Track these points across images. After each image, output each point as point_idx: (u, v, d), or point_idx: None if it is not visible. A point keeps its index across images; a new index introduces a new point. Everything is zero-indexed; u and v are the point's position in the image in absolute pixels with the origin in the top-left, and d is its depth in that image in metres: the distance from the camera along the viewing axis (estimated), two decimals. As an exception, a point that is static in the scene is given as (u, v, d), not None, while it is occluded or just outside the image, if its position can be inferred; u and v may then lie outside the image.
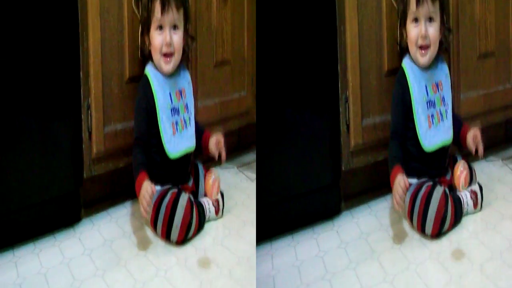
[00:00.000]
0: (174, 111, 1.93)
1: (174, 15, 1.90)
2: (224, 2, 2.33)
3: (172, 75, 1.94)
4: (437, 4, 1.89)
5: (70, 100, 1.90)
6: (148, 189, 1.75)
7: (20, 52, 1.76)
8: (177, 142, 1.94)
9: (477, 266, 1.70)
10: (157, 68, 1.92)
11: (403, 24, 1.93)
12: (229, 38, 2.38)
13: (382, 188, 2.08)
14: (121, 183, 2.09)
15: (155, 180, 1.82)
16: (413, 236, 1.87)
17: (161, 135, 1.90)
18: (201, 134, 2.03)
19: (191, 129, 1.99)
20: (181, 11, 1.92)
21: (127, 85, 2.02)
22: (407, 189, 1.79)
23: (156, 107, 1.89)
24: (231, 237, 1.93)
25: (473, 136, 1.90)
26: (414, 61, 1.92)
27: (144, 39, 1.93)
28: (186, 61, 2.03)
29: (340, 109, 1.97)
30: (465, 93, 2.21)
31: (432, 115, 1.92)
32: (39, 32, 1.80)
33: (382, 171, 1.96)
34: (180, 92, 1.96)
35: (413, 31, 1.89)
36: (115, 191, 2.10)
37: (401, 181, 1.77)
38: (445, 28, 1.94)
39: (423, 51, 1.90)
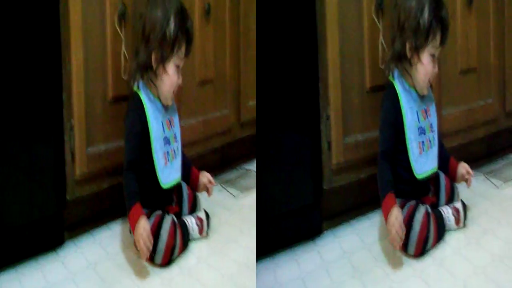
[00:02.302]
0: (166, 140, 1.91)
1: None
2: (206, 22, 2.34)
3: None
4: None
5: (53, 121, 1.88)
6: (146, 228, 1.75)
7: (1, 73, 1.75)
8: (169, 173, 1.93)
9: (460, 282, 1.71)
10: (152, 90, 1.89)
11: (412, 39, 1.83)
12: (212, 57, 2.39)
13: (365, 206, 2.08)
14: (104, 205, 2.08)
15: (143, 205, 1.82)
16: (396, 254, 1.86)
17: (155, 165, 1.88)
18: (189, 168, 2.06)
19: (179, 160, 1.99)
20: None
21: (111, 105, 2.02)
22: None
23: (150, 135, 1.87)
24: (215, 256, 1.92)
25: (464, 173, 2.00)
26: (411, 84, 1.88)
27: (151, 53, 1.85)
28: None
29: (321, 127, 1.95)
30: (447, 108, 2.21)
31: (423, 142, 1.90)
32: (20, 53, 1.79)
33: (365, 189, 1.96)
34: (170, 122, 1.94)
35: (430, 65, 1.85)
36: (98, 213, 2.08)
37: (398, 217, 1.75)
38: None
39: (429, 85, 1.90)
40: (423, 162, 1.91)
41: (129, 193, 1.84)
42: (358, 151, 2.02)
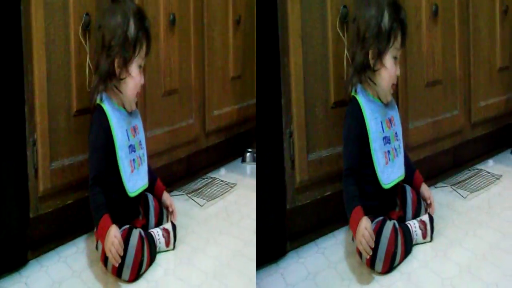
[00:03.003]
0: (131, 148, 1.91)
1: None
2: (171, 32, 2.32)
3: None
4: None
5: (14, 136, 1.83)
6: (117, 236, 1.75)
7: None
8: (135, 180, 1.93)
9: (428, 295, 1.71)
10: (115, 100, 1.88)
11: (375, 46, 1.85)
12: (177, 67, 2.37)
13: (330, 224, 2.05)
14: (69, 221, 2.05)
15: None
16: (363, 271, 1.84)
17: (121, 174, 1.88)
18: (154, 180, 2.06)
19: (145, 166, 1.99)
20: None
21: (75, 118, 1.99)
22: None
23: (115, 145, 1.86)
24: (182, 266, 1.91)
25: (428, 196, 2.02)
26: (374, 94, 1.88)
27: (113, 60, 1.84)
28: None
29: (284, 144, 1.91)
30: (414, 121, 2.22)
31: (388, 151, 1.90)
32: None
33: (329, 207, 1.93)
34: (134, 129, 1.94)
35: (393, 68, 1.87)
36: (63, 229, 2.04)
37: (367, 227, 1.75)
38: None
39: (392, 91, 1.91)
40: (390, 172, 1.91)
41: (97, 206, 1.82)
42: (322, 168, 1.99)
